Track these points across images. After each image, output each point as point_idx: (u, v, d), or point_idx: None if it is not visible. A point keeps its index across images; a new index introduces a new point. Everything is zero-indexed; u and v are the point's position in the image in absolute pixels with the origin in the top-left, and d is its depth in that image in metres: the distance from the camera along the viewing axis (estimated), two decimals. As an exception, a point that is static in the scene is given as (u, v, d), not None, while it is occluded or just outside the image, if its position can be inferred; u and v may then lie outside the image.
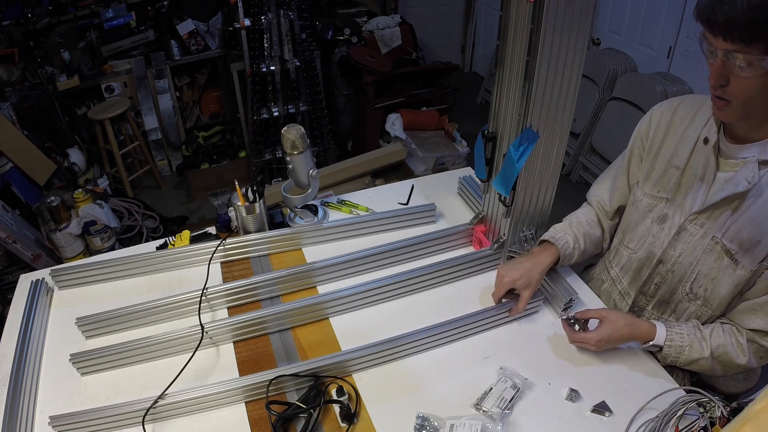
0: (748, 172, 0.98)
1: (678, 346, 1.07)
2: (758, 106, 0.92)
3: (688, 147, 1.08)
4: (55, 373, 1.12)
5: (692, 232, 1.09)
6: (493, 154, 1.25)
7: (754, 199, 0.99)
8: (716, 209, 1.04)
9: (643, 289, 1.22)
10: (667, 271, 1.15)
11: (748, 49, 0.84)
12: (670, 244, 1.13)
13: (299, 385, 1.06)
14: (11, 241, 2.47)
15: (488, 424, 0.98)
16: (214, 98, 3.94)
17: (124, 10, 3.48)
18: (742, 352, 1.05)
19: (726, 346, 1.05)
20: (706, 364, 1.07)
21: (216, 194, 3.52)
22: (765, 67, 0.84)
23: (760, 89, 0.89)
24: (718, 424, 0.88)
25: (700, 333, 1.08)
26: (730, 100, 0.92)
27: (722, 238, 1.04)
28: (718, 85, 0.91)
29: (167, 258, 1.36)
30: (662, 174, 1.13)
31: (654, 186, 1.16)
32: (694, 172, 1.07)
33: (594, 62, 3.25)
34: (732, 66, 0.87)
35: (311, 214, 1.52)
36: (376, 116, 3.49)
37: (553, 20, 0.95)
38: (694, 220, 1.08)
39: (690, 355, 1.07)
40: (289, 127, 1.33)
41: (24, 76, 3.27)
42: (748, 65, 0.85)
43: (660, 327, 1.09)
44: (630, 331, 1.09)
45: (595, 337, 1.09)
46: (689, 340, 1.07)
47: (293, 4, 2.96)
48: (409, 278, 1.26)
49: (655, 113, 1.18)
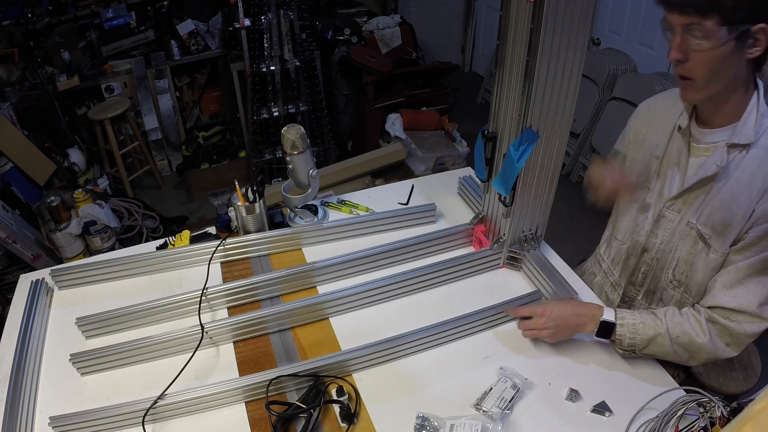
0: (718, 156, 1.00)
1: (630, 323, 1.06)
2: (719, 82, 0.94)
3: (666, 136, 1.12)
4: (55, 373, 1.12)
5: (670, 219, 1.12)
6: (493, 154, 1.25)
7: (724, 182, 1.01)
8: (690, 194, 1.07)
9: (631, 278, 1.25)
10: (652, 259, 1.18)
11: (703, 21, 0.86)
12: (651, 231, 1.16)
13: (299, 385, 1.06)
14: (11, 241, 2.47)
15: (488, 424, 0.98)
16: (214, 98, 3.94)
17: (124, 10, 3.47)
18: (702, 330, 1.03)
19: (683, 324, 1.04)
20: (665, 343, 1.04)
21: (216, 194, 3.52)
22: (721, 38, 0.86)
23: (718, 63, 0.91)
24: (718, 424, 0.88)
25: (653, 314, 1.07)
26: (693, 78, 0.95)
27: (697, 222, 1.06)
28: (677, 60, 0.94)
29: (167, 258, 1.36)
30: (644, 165, 1.17)
31: (637, 177, 1.18)
32: (670, 159, 1.11)
33: (594, 62, 3.25)
34: (690, 40, 0.90)
35: (311, 214, 1.52)
36: (376, 116, 3.49)
37: (553, 20, 0.95)
38: (671, 206, 1.11)
39: (645, 332, 1.05)
40: (289, 127, 1.33)
41: (24, 76, 3.27)
42: (705, 37, 0.88)
43: (607, 308, 1.09)
44: (573, 307, 1.10)
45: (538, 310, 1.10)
46: (641, 318, 1.06)
47: (293, 4, 2.96)
48: (409, 278, 1.26)
49: (641, 109, 1.22)
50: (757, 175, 0.97)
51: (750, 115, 0.97)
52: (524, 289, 1.30)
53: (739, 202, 0.99)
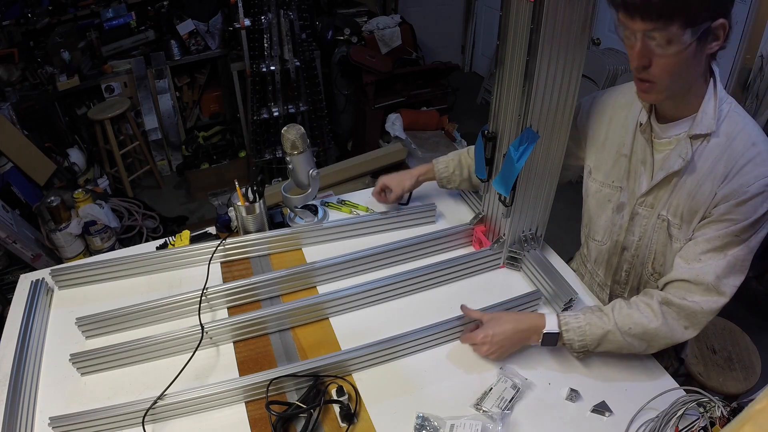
0: (681, 148, 1.00)
1: (576, 327, 1.05)
2: (681, 81, 0.93)
3: (630, 134, 1.11)
4: (55, 373, 1.12)
5: (644, 215, 1.12)
6: (493, 154, 1.25)
7: (689, 173, 1.00)
8: (659, 189, 1.06)
9: (615, 277, 1.25)
10: (633, 257, 1.18)
11: (667, 26, 0.84)
12: (628, 229, 1.16)
13: (299, 385, 1.06)
14: (11, 241, 2.47)
15: (488, 424, 0.98)
16: (214, 98, 3.94)
17: (124, 10, 3.48)
18: (654, 315, 1.01)
19: (632, 315, 1.02)
20: (617, 339, 1.03)
21: (216, 194, 3.52)
22: (685, 41, 0.84)
23: (681, 66, 0.89)
24: (718, 424, 0.88)
25: (599, 312, 1.06)
26: (655, 82, 0.92)
27: (668, 215, 1.06)
28: (641, 67, 0.91)
29: (167, 258, 1.36)
30: (614, 164, 1.16)
31: (608, 176, 1.17)
32: (637, 157, 1.10)
33: (594, 62, 3.25)
34: (652, 46, 0.88)
35: (311, 214, 1.52)
36: (376, 116, 3.49)
37: (553, 20, 0.95)
38: (643, 203, 1.11)
39: (593, 332, 1.04)
40: (289, 127, 1.33)
41: (24, 76, 3.27)
42: (668, 43, 0.86)
43: (549, 315, 1.08)
44: (513, 322, 1.08)
45: (480, 334, 1.07)
46: (586, 320, 1.05)
47: (293, 4, 2.96)
48: (409, 278, 1.26)
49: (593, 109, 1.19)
50: (719, 161, 0.96)
51: (708, 103, 0.96)
52: (524, 289, 1.30)
53: (704, 189, 0.98)
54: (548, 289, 1.24)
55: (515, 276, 1.35)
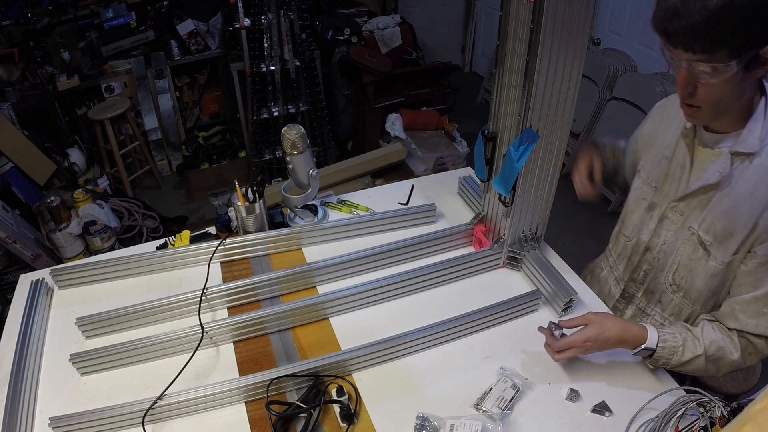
0: (721, 163, 0.99)
1: (671, 347, 1.03)
2: (728, 106, 0.93)
3: (675, 137, 1.11)
4: (55, 373, 1.12)
5: (673, 220, 1.11)
6: (493, 154, 1.25)
7: (727, 191, 0.99)
8: (693, 198, 1.06)
9: (633, 275, 1.25)
10: (654, 258, 1.18)
11: (711, 58, 0.82)
12: (655, 231, 1.16)
13: (299, 385, 1.06)
14: (11, 241, 2.47)
15: (488, 424, 0.98)
16: (214, 98, 3.94)
17: (124, 10, 3.48)
18: (735, 347, 1.02)
19: (719, 341, 1.02)
20: (699, 363, 1.02)
21: (216, 194, 3.52)
22: (730, 72, 0.83)
23: (727, 92, 0.88)
24: (718, 424, 0.88)
25: (691, 333, 1.04)
26: (700, 106, 0.92)
27: (698, 229, 1.05)
28: (686, 94, 0.91)
29: (167, 258, 1.36)
30: (655, 165, 1.16)
31: (649, 175, 1.18)
32: (678, 161, 1.10)
33: (594, 62, 3.25)
34: (697, 74, 0.87)
35: (311, 214, 1.52)
36: (376, 116, 3.49)
37: (553, 20, 0.95)
38: (674, 208, 1.10)
39: (683, 355, 1.02)
40: (289, 127, 1.33)
41: (24, 76, 3.27)
42: (714, 72, 0.84)
43: (651, 329, 1.03)
44: (619, 332, 1.02)
45: (581, 338, 1.02)
46: (682, 339, 1.03)
47: (293, 4, 2.96)
48: (409, 278, 1.26)
49: (655, 110, 1.22)
50: (761, 186, 0.94)
51: (756, 122, 0.94)
52: (524, 289, 1.30)
53: (742, 212, 0.97)
54: (548, 289, 1.24)
55: (515, 276, 1.35)
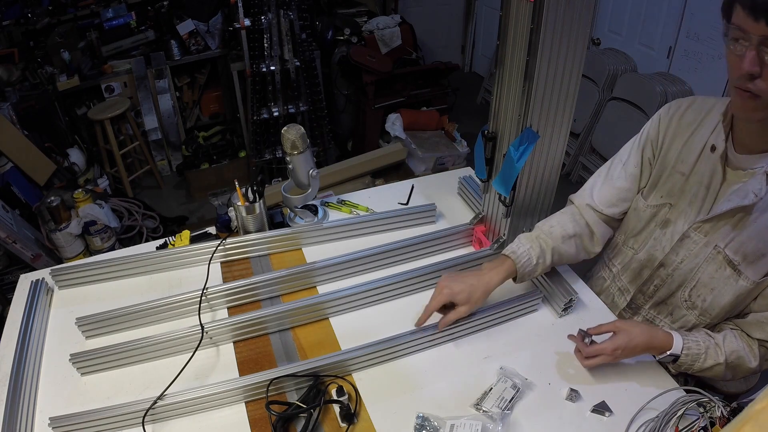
0: (756, 184, 0.94)
1: (695, 354, 1.02)
2: None
3: (694, 153, 1.05)
4: (55, 373, 1.12)
5: (695, 240, 1.06)
6: (493, 154, 1.25)
7: (761, 212, 0.95)
8: (721, 219, 1.01)
9: (642, 288, 1.21)
10: (668, 275, 1.13)
11: None
12: (672, 249, 1.10)
13: (299, 385, 1.06)
14: (11, 241, 2.47)
15: (488, 424, 0.98)
16: (214, 98, 3.94)
17: (124, 10, 3.48)
18: (754, 356, 1.02)
19: (739, 351, 1.02)
20: (719, 370, 1.02)
21: (216, 194, 3.52)
22: None
23: None
24: (718, 424, 0.88)
25: (713, 340, 1.04)
26: (761, 96, 0.83)
27: (725, 248, 1.01)
28: (748, 75, 0.82)
29: (167, 258, 1.36)
30: (666, 179, 1.11)
31: (657, 192, 1.13)
32: (699, 179, 1.04)
33: (594, 62, 3.25)
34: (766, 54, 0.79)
35: (311, 214, 1.52)
36: (376, 116, 3.49)
37: (553, 20, 0.95)
38: (698, 229, 1.05)
39: (705, 362, 1.02)
40: (289, 127, 1.33)
41: (24, 76, 3.27)
42: None
43: (677, 336, 1.03)
44: (647, 340, 1.03)
45: (611, 346, 1.03)
46: (705, 347, 1.03)
47: (293, 4, 2.96)
48: (409, 278, 1.26)
49: (663, 119, 1.12)
50: None
51: None
52: (524, 288, 1.30)
53: None
54: (548, 289, 1.24)
55: (515, 276, 1.35)
